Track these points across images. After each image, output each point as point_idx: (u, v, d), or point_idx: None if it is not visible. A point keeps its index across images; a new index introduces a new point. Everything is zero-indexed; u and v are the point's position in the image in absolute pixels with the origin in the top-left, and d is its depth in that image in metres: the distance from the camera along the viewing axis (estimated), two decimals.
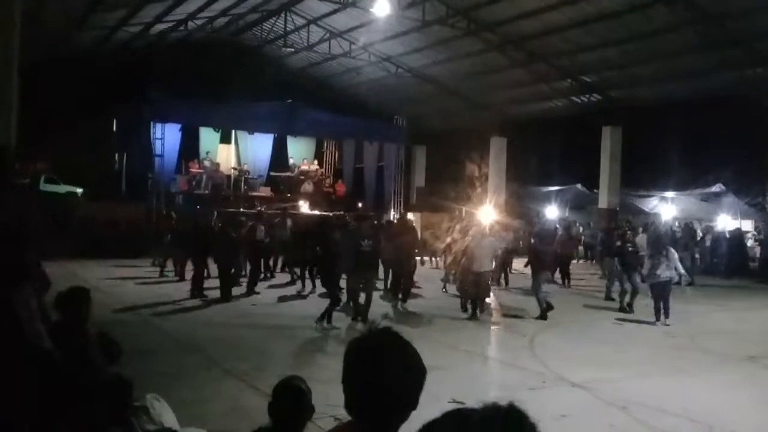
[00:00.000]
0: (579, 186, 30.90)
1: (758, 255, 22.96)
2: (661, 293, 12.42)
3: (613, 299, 14.90)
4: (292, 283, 16.26)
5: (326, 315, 11.13)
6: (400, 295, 13.80)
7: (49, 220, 18.70)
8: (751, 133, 22.70)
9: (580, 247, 26.31)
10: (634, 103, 25.11)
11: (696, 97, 23.62)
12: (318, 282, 14.05)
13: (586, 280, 19.39)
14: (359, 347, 1.81)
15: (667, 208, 29.35)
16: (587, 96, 25.70)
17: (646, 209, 30.42)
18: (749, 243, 24.80)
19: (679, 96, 24.05)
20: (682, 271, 13.20)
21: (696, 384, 8.37)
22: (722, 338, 11.47)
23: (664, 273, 12.38)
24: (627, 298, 13.98)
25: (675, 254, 12.93)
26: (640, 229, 21.94)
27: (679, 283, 13.53)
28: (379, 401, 1.73)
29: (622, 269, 14.30)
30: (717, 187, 27.13)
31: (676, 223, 26.59)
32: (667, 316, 12.41)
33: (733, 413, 7.05)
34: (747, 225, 27.00)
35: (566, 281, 18.39)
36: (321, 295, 11.90)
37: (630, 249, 14.41)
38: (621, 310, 13.82)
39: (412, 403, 1.76)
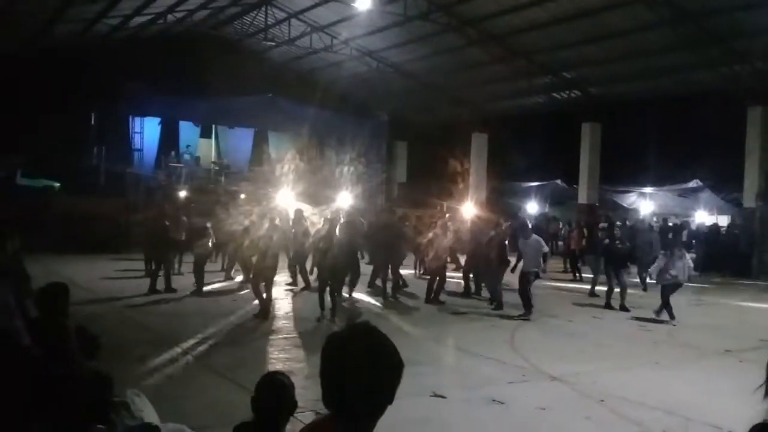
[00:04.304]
0: (559, 182, 31.12)
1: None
2: (670, 293, 12.33)
3: (597, 296, 14.95)
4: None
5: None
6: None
7: (25, 214, 18.41)
8: (727, 130, 22.97)
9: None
10: (614, 100, 25.34)
11: (674, 94, 23.91)
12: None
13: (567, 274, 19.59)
14: (336, 342, 1.82)
15: (645, 203, 29.67)
16: (567, 92, 25.87)
17: (625, 204, 30.72)
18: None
19: (658, 93, 24.32)
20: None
21: (673, 377, 8.48)
22: (699, 332, 11.63)
23: (675, 273, 12.25)
24: (621, 298, 13.67)
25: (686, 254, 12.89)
26: (618, 224, 22.11)
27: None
28: (355, 395, 1.75)
29: (610, 268, 14.01)
30: (694, 183, 27.48)
31: (654, 219, 26.85)
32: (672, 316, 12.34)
33: (710, 405, 7.15)
34: (723, 220, 27.34)
35: (576, 275, 18.95)
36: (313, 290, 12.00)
37: (618, 246, 14.21)
38: (621, 308, 13.49)
39: (389, 397, 1.78)
